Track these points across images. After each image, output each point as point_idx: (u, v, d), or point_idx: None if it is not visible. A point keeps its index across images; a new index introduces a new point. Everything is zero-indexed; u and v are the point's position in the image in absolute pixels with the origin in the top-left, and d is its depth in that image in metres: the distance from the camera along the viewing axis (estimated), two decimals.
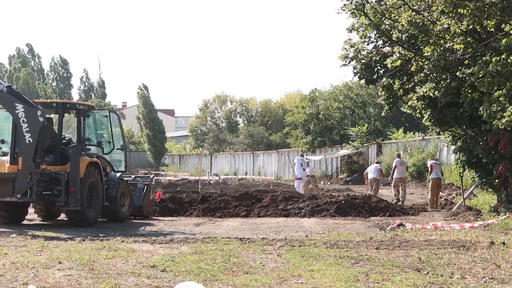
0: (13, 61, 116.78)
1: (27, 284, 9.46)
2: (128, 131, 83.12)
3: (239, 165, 68.07)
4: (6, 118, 19.51)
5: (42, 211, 20.68)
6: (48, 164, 18.46)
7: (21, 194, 17.72)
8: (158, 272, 10.62)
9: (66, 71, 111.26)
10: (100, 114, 21.07)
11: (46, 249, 13.34)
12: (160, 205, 23.15)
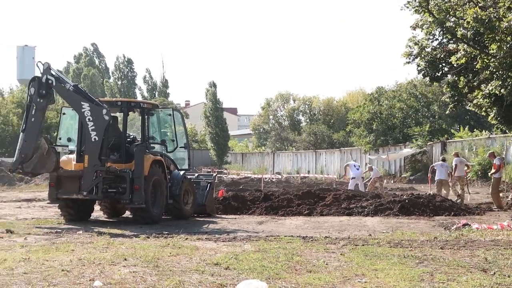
0: (80, 60, 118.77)
1: (93, 280, 9.60)
2: (192, 129, 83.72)
3: (301, 163, 67.92)
4: (73, 117, 19.85)
5: (107, 208, 20.98)
6: (113, 162, 18.71)
7: (87, 191, 18.00)
8: (221, 270, 10.67)
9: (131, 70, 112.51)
10: (164, 113, 21.26)
11: (112, 246, 13.53)
12: (223, 203, 23.26)
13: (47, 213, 22.18)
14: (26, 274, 10.01)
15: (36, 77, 18.52)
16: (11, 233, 15.59)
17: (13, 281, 9.49)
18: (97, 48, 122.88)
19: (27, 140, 18.28)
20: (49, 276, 9.86)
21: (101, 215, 21.07)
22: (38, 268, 10.55)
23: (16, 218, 20.16)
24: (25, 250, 12.67)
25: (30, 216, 21.13)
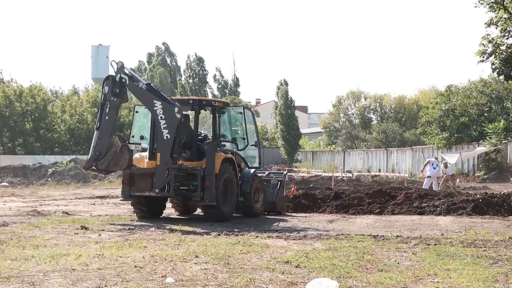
0: (152, 59, 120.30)
1: (165, 276, 9.71)
2: (262, 127, 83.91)
3: (372, 162, 67.38)
4: (145, 115, 20.11)
5: (179, 205, 21.19)
6: (185, 160, 18.89)
7: (159, 189, 18.21)
8: (292, 268, 10.67)
9: (202, 68, 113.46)
10: (234, 111, 21.35)
11: (183, 243, 13.66)
12: (294, 201, 23.26)
13: (120, 210, 22.55)
14: (100, 270, 10.20)
15: (110, 76, 18.83)
16: (86, 230, 15.91)
17: (87, 276, 9.67)
18: (168, 47, 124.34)
19: (101, 138, 18.60)
20: (122, 272, 10.01)
21: (172, 213, 21.31)
22: (112, 264, 10.73)
23: (90, 215, 20.55)
24: (99, 246, 12.91)
25: (104, 213, 21.51)
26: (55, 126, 75.38)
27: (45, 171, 48.90)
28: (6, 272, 9.83)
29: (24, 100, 73.35)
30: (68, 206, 23.99)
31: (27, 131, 73.20)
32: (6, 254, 11.66)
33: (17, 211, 21.33)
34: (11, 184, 42.84)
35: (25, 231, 15.41)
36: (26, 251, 12.18)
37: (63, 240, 13.87)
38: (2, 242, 13.31)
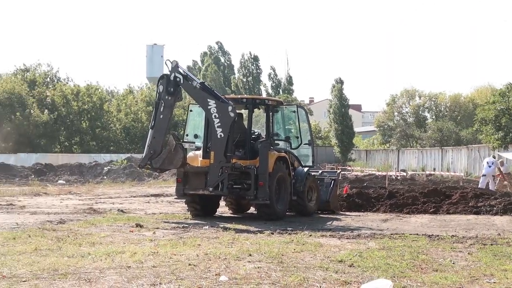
0: (205, 58, 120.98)
1: (219, 275, 9.76)
2: (316, 126, 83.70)
3: (427, 160, 66.65)
4: (199, 114, 20.22)
5: (232, 204, 21.26)
6: (238, 159, 18.94)
7: (213, 187, 18.29)
8: (345, 267, 10.63)
9: (256, 67, 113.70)
10: (288, 110, 21.34)
11: (237, 241, 13.71)
12: (347, 200, 23.16)
13: (174, 208, 22.72)
14: (154, 268, 10.30)
15: (164, 75, 18.99)
16: (141, 227, 16.07)
17: (142, 274, 9.77)
18: (222, 46, 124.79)
19: (155, 137, 18.77)
20: (177, 270, 10.10)
21: (226, 211, 21.39)
22: (166, 262, 10.83)
23: (145, 213, 20.75)
24: (154, 244, 13.03)
25: (158, 211, 21.70)
26: (111, 125, 76.32)
27: (101, 169, 49.54)
28: (63, 269, 10.00)
29: (81, 99, 74.43)
30: (123, 204, 24.27)
31: (83, 130, 74.26)
32: (63, 251, 11.85)
33: (74, 209, 21.66)
34: (68, 182, 43.50)
35: (82, 229, 15.63)
36: (83, 248, 12.37)
37: (119, 238, 14.05)
38: (59, 239, 13.53)
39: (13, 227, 16.05)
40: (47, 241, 13.22)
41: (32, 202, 24.78)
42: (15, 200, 25.74)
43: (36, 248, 12.16)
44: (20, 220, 17.84)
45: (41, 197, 28.23)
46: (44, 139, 72.40)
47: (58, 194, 30.24)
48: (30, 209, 21.61)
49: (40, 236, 14.03)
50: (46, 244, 12.75)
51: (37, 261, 10.67)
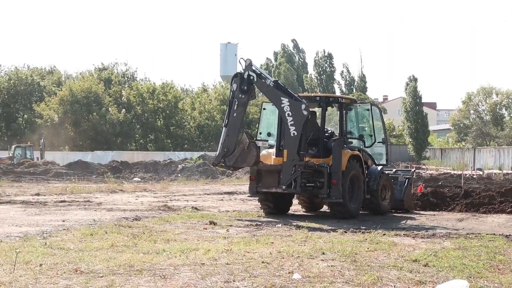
0: (278, 56, 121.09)
1: (292, 272, 9.77)
2: (389, 124, 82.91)
3: (504, 159, 65.25)
4: (273, 112, 20.24)
5: (305, 202, 21.24)
6: (311, 157, 18.90)
7: (286, 185, 18.29)
8: (420, 267, 10.50)
9: (330, 65, 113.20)
10: (362, 108, 21.19)
11: (310, 239, 13.69)
12: (421, 199, 22.86)
13: (247, 206, 22.82)
14: (228, 265, 10.36)
15: (238, 73, 19.08)
16: (214, 225, 16.19)
17: (216, 271, 9.85)
18: (297, 44, 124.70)
19: (229, 135, 18.88)
20: (250, 268, 10.14)
21: (299, 209, 21.38)
22: (240, 259, 10.88)
23: (218, 210, 20.90)
24: (227, 242, 13.11)
25: (231, 208, 21.83)
26: (185, 123, 77.12)
27: (175, 167, 50.13)
28: (138, 265, 10.15)
29: (156, 98, 75.43)
30: (197, 202, 24.49)
31: (158, 128, 75.27)
32: (138, 248, 12.04)
33: (149, 206, 21.97)
34: (143, 179, 44.17)
35: (156, 226, 15.85)
36: (158, 245, 12.53)
37: (193, 235, 14.18)
38: (135, 236, 13.75)
39: (90, 223, 16.38)
40: (123, 238, 13.45)
41: (108, 199, 25.25)
42: (92, 197, 26.26)
43: (112, 244, 12.38)
44: (97, 216, 18.20)
45: (117, 194, 28.73)
46: (120, 137, 73.65)
47: (133, 191, 30.72)
48: (106, 206, 22.02)
49: (116, 232, 14.29)
50: (122, 241, 12.98)
51: (114, 257, 10.86)
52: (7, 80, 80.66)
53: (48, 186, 35.66)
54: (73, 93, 73.22)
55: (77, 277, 9.27)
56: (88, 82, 75.59)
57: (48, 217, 18.04)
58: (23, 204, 22.24)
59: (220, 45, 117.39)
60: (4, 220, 17.10)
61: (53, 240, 13.10)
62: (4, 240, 13.16)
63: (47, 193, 28.40)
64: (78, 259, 10.63)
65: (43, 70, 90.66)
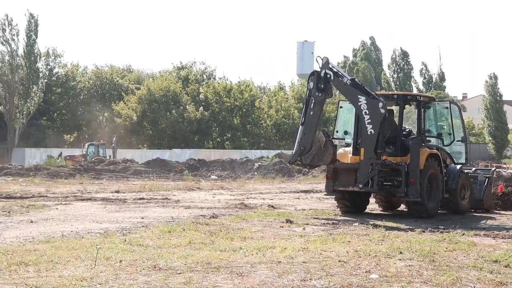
0: (357, 54, 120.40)
1: (369, 272, 9.71)
2: (469, 122, 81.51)
3: None
4: (349, 110, 20.13)
5: (382, 201, 21.07)
6: (389, 155, 18.73)
7: (362, 184, 18.16)
8: (501, 268, 10.30)
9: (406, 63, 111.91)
10: (440, 106, 20.90)
11: (387, 238, 13.58)
12: (502, 199, 22.37)
13: (323, 205, 22.76)
14: (304, 263, 10.37)
15: (315, 72, 19.04)
16: (291, 223, 16.21)
17: (293, 269, 9.87)
18: (374, 41, 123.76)
19: (306, 133, 18.86)
20: (327, 266, 10.12)
21: (376, 208, 21.22)
22: (316, 258, 10.87)
23: (295, 209, 20.91)
24: (304, 240, 13.11)
25: (308, 207, 21.80)
26: (261, 121, 77.40)
27: (252, 165, 50.34)
28: (216, 263, 10.25)
29: (232, 96, 75.91)
30: (274, 200, 24.54)
31: (235, 126, 75.74)
32: (215, 245, 12.14)
33: (226, 204, 22.13)
34: (220, 177, 44.51)
35: (233, 223, 15.95)
36: (234, 242, 12.62)
37: (269, 233, 14.23)
38: (212, 233, 13.88)
39: (169, 220, 16.61)
40: (200, 235, 13.58)
41: (186, 197, 25.54)
42: (170, 194, 26.61)
43: (190, 242, 12.53)
44: (175, 214, 18.43)
45: (195, 192, 29.04)
46: (198, 135, 74.41)
47: (210, 189, 31.00)
48: (184, 203, 22.28)
49: (193, 230, 14.44)
50: (199, 238, 13.11)
51: (191, 254, 10.98)
52: (88, 79, 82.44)
53: (128, 183, 36.30)
54: (151, 92, 74.37)
55: (156, 273, 9.42)
56: (166, 81, 76.63)
57: (128, 214, 18.37)
58: (103, 201, 22.71)
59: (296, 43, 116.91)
60: (85, 216, 17.49)
61: (132, 236, 13.34)
62: (86, 236, 13.47)
63: (126, 191, 28.92)
64: (156, 256, 10.79)
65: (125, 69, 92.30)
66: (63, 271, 9.47)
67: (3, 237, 13.19)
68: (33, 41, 72.57)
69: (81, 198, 24.06)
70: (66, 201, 22.73)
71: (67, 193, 26.56)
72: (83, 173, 43.31)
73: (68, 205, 20.99)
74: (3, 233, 13.85)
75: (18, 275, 9.17)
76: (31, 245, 12.03)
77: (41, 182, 36.09)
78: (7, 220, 16.49)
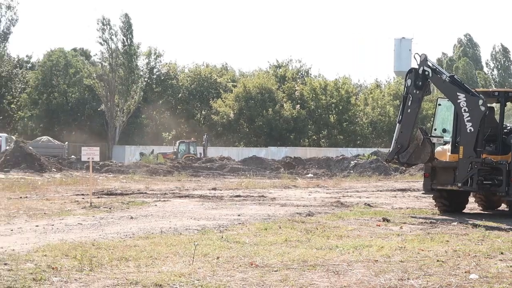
0: (454, 51, 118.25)
1: (469, 272, 9.52)
2: None
3: None
4: (448, 108, 19.80)
5: (482, 200, 20.60)
6: (489, 154, 18.29)
7: (462, 183, 17.82)
8: None
9: (507, 59, 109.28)
10: None
11: (487, 238, 13.29)
12: None
13: (421, 203, 22.45)
14: (402, 263, 10.26)
15: (413, 69, 18.79)
16: (387, 222, 16.06)
17: (390, 268, 9.78)
18: (471, 38, 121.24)
19: (403, 131, 18.64)
20: (424, 266, 9.99)
21: (475, 207, 20.78)
22: (413, 257, 10.74)
23: (391, 207, 20.69)
24: (401, 239, 12.97)
25: (405, 205, 21.54)
26: (357, 119, 76.96)
27: (348, 163, 50.05)
28: (312, 260, 10.25)
29: (328, 93, 75.74)
30: (370, 198, 24.36)
31: (331, 124, 75.55)
32: (312, 243, 12.15)
33: (322, 202, 22.10)
34: (316, 175, 44.46)
35: (329, 222, 15.92)
36: (330, 241, 12.60)
37: (365, 232, 14.14)
38: (308, 231, 13.89)
39: (265, 218, 16.70)
40: (296, 233, 13.62)
41: (282, 194, 25.63)
42: (266, 192, 26.75)
43: (286, 239, 12.57)
44: (271, 211, 18.53)
45: (290, 190, 29.11)
46: (294, 133, 74.59)
47: (306, 187, 31.01)
48: (280, 201, 22.37)
49: (289, 227, 14.49)
50: (295, 236, 13.14)
51: (287, 252, 11.02)
52: (187, 77, 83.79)
53: (224, 181, 36.71)
54: (248, 90, 74.99)
55: (252, 270, 9.50)
56: (262, 79, 77.13)
57: (224, 211, 18.57)
58: (201, 198, 23.03)
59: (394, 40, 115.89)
60: (183, 213, 17.78)
61: (229, 233, 13.48)
62: (184, 232, 13.70)
63: (223, 188, 29.25)
64: (253, 253, 10.88)
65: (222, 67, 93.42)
66: (162, 267, 9.66)
67: (104, 233, 13.56)
68: (131, 41, 74.06)
69: (179, 195, 24.48)
70: (164, 198, 23.15)
71: (165, 190, 27.06)
72: (181, 171, 44.02)
73: (166, 202, 21.38)
74: (104, 229, 14.24)
75: (119, 270, 9.41)
76: (131, 241, 12.32)
77: (140, 179, 36.90)
78: (108, 216, 16.94)
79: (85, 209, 18.59)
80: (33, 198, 22.31)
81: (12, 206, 19.01)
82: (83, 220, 15.84)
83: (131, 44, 73.94)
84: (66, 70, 79.10)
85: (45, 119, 76.88)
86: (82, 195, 23.50)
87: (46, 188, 27.95)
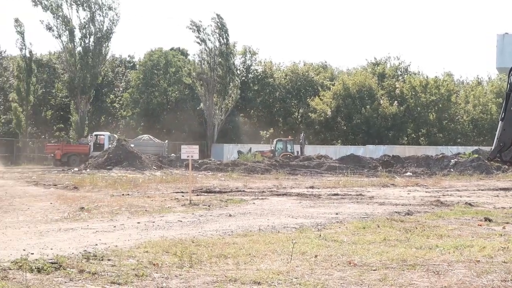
0: None
1: None
2: None
3: None
4: None
5: None
6: None
7: None
8: None
9: None
10: None
11: None
12: None
13: None
14: (505, 263, 10.01)
15: None
16: (490, 222, 15.70)
17: (492, 269, 9.56)
18: None
19: (506, 129, 18.09)
20: None
21: None
22: None
23: (493, 207, 20.21)
24: (504, 239, 12.66)
25: (507, 205, 21.01)
26: (458, 117, 75.49)
27: (447, 161, 49.17)
28: (411, 260, 10.12)
29: (428, 91, 74.57)
30: (471, 197, 23.87)
31: (430, 122, 74.32)
32: (411, 242, 11.99)
33: (421, 201, 21.79)
34: (415, 174, 43.85)
35: (429, 221, 15.68)
36: (430, 240, 12.41)
37: (466, 231, 13.86)
38: (407, 230, 13.72)
39: (363, 217, 16.59)
40: (395, 232, 13.47)
41: (380, 193, 25.41)
42: (364, 190, 26.58)
43: (384, 238, 12.45)
44: (369, 210, 18.39)
45: (389, 188, 28.82)
46: (392, 131, 73.79)
47: (405, 186, 30.64)
48: (378, 199, 22.17)
49: (388, 226, 14.35)
50: (394, 235, 13.00)
51: (386, 251, 10.91)
52: (285, 76, 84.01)
53: (322, 179, 36.66)
54: (346, 87, 74.64)
55: (351, 269, 9.44)
56: (362, 76, 76.61)
57: (322, 209, 18.54)
58: (298, 197, 23.07)
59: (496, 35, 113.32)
60: (281, 211, 17.85)
61: (327, 232, 13.45)
62: (281, 230, 13.74)
63: (320, 186, 29.21)
64: (351, 252, 10.82)
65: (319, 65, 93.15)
66: (260, 265, 9.72)
67: (204, 230, 13.75)
68: (227, 40, 74.67)
69: (276, 193, 24.59)
70: (262, 196, 23.30)
71: (263, 188, 27.23)
72: (278, 169, 44.18)
73: (264, 200, 21.51)
74: (204, 226, 14.44)
75: (218, 267, 9.52)
76: (230, 238, 12.44)
77: (238, 177, 37.25)
78: (207, 213, 17.17)
79: (185, 207, 18.90)
80: (135, 196, 22.85)
81: (115, 203, 19.50)
82: (183, 218, 16.10)
83: (227, 43, 74.58)
84: (166, 69, 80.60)
85: (146, 118, 78.51)
86: (182, 193, 23.91)
87: (147, 185, 28.57)
